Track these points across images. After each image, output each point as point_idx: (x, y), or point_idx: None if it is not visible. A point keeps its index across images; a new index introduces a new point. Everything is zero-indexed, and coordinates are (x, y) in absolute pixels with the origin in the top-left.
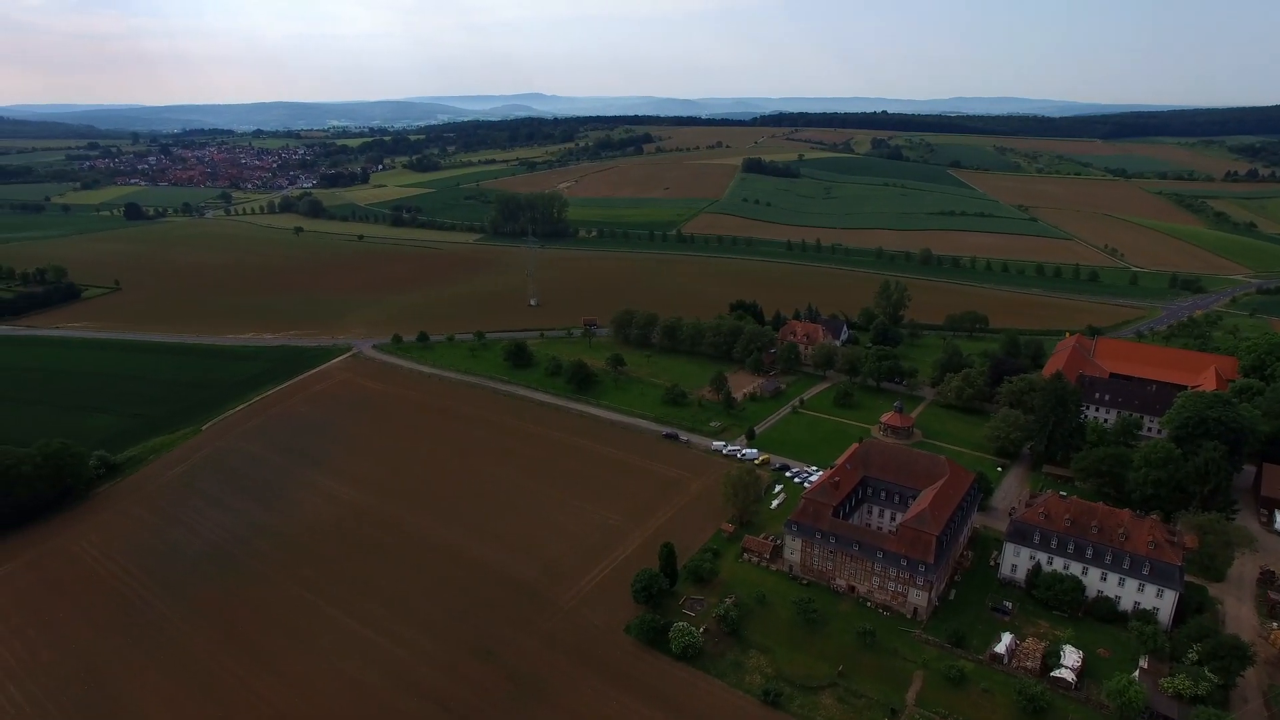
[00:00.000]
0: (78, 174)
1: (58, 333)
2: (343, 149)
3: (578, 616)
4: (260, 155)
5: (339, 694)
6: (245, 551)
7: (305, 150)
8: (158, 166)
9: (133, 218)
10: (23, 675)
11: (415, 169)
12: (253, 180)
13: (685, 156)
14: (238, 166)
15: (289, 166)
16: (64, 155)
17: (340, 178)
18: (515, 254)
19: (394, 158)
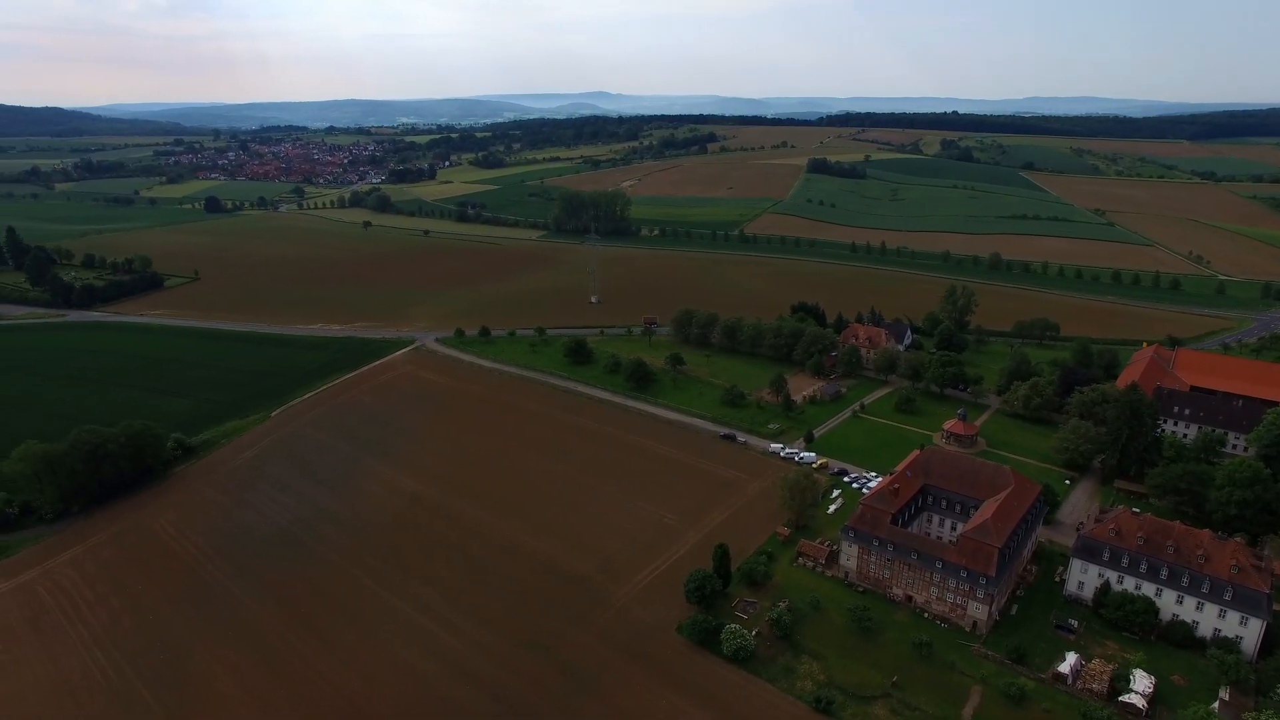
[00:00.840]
0: (164, 169)
1: (141, 319)
2: (411, 145)
3: (630, 614)
4: (332, 151)
5: (396, 679)
6: (310, 536)
7: (375, 147)
8: (236, 162)
9: (212, 211)
10: (107, 642)
11: (481, 166)
12: (325, 175)
13: (749, 156)
14: (311, 162)
15: (359, 162)
16: (152, 151)
17: (408, 174)
18: (577, 251)
19: (460, 154)
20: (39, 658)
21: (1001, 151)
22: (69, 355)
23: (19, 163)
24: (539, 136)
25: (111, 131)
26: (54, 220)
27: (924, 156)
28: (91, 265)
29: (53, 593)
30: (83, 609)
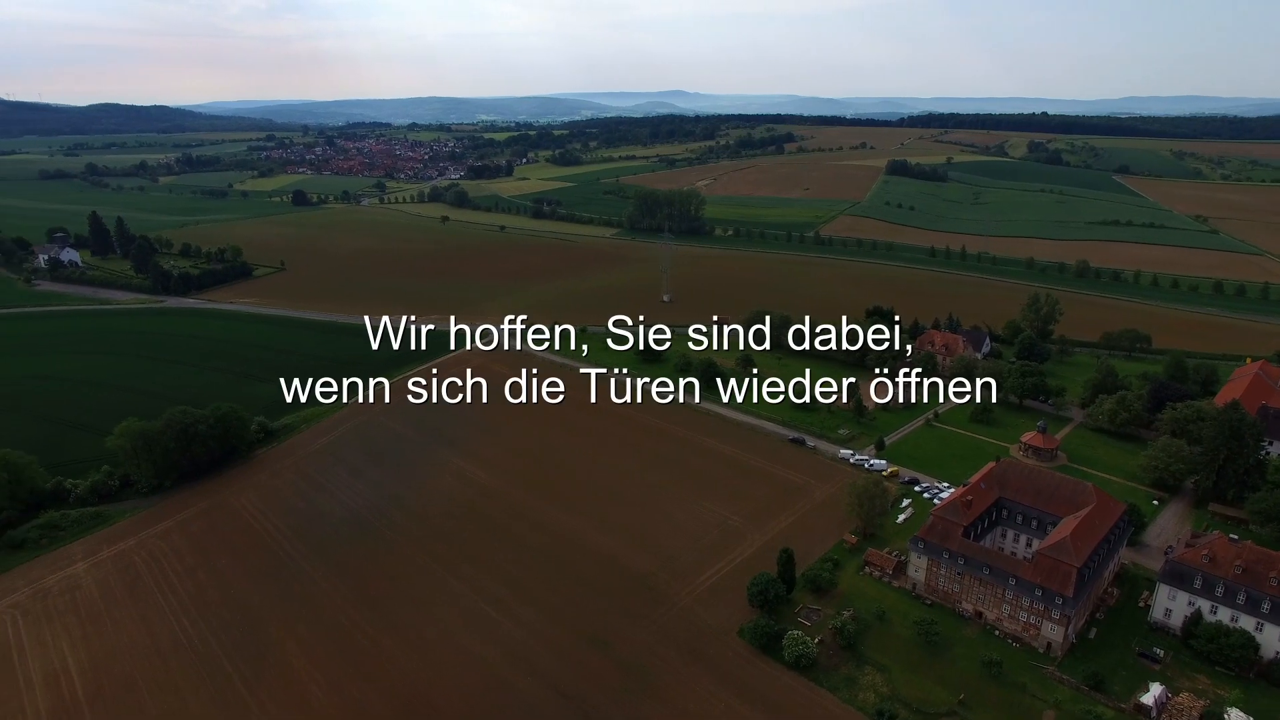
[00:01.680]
0: (256, 163)
1: (231, 306)
2: (490, 142)
3: (691, 614)
4: (414, 147)
5: (459, 665)
6: (382, 521)
7: (455, 143)
8: (323, 157)
9: (299, 204)
10: (194, 612)
11: (557, 163)
12: (405, 171)
13: (827, 157)
14: (393, 158)
15: (439, 158)
16: (246, 147)
17: (486, 170)
18: (651, 249)
19: (537, 151)
20: (134, 621)
21: (1094, 154)
22: (166, 339)
23: (129, 157)
24: (615, 135)
25: (210, 128)
26: (157, 211)
27: (1009, 159)
28: (188, 254)
29: (147, 562)
30: (172, 579)
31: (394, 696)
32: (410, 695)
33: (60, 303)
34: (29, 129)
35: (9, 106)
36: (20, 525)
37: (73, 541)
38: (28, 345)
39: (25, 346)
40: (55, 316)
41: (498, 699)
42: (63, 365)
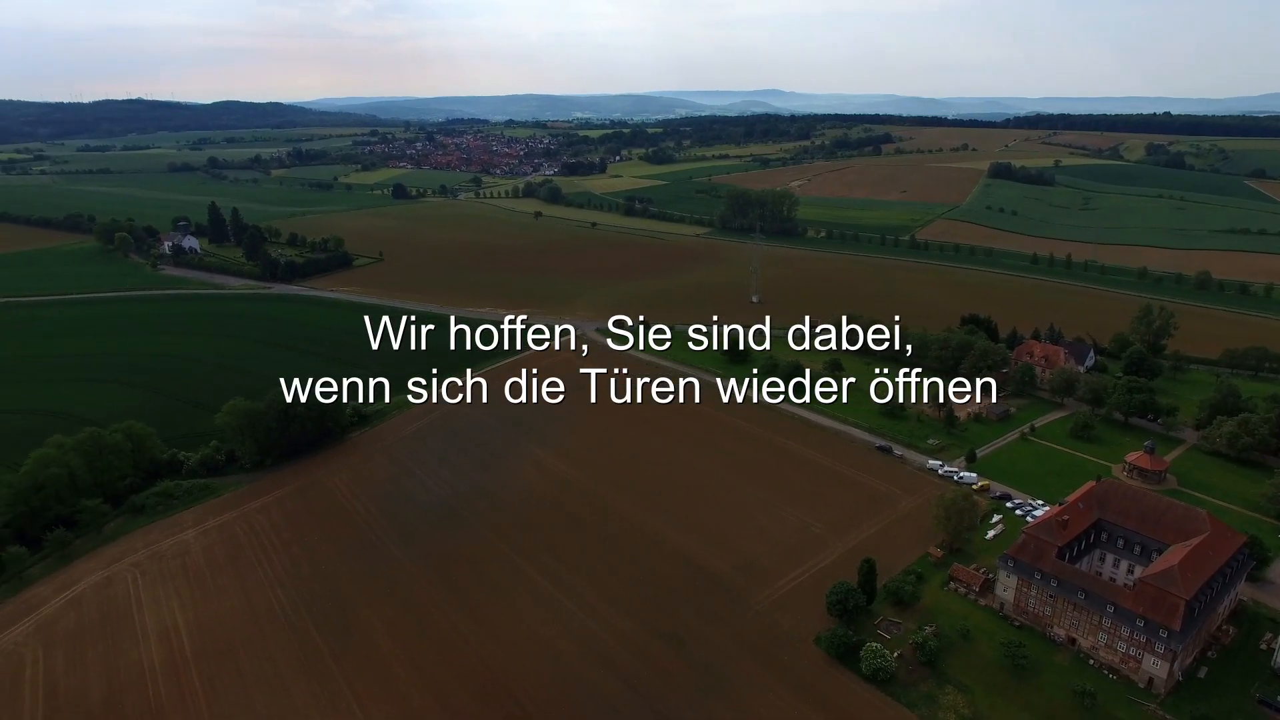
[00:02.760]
0: (360, 157)
1: (331, 294)
2: (584, 140)
3: (768, 618)
4: (510, 143)
5: (536, 654)
6: (465, 509)
7: (550, 140)
8: (422, 152)
9: (399, 197)
10: (289, 584)
11: (650, 161)
12: (501, 166)
13: (926, 159)
14: (489, 153)
15: (534, 154)
16: (351, 141)
17: (579, 167)
18: (741, 249)
19: (631, 149)
20: (234, 589)
21: (1223, 157)
22: (271, 323)
23: (246, 151)
24: (709, 134)
25: (320, 123)
26: (268, 202)
27: (1124, 162)
28: (294, 243)
29: (247, 534)
30: (270, 551)
31: (471, 680)
32: (487, 680)
33: (180, 286)
34: (162, 125)
35: (147, 106)
36: (141, 491)
37: (184, 510)
38: (151, 325)
39: (149, 326)
40: (175, 299)
41: (571, 690)
42: (180, 345)
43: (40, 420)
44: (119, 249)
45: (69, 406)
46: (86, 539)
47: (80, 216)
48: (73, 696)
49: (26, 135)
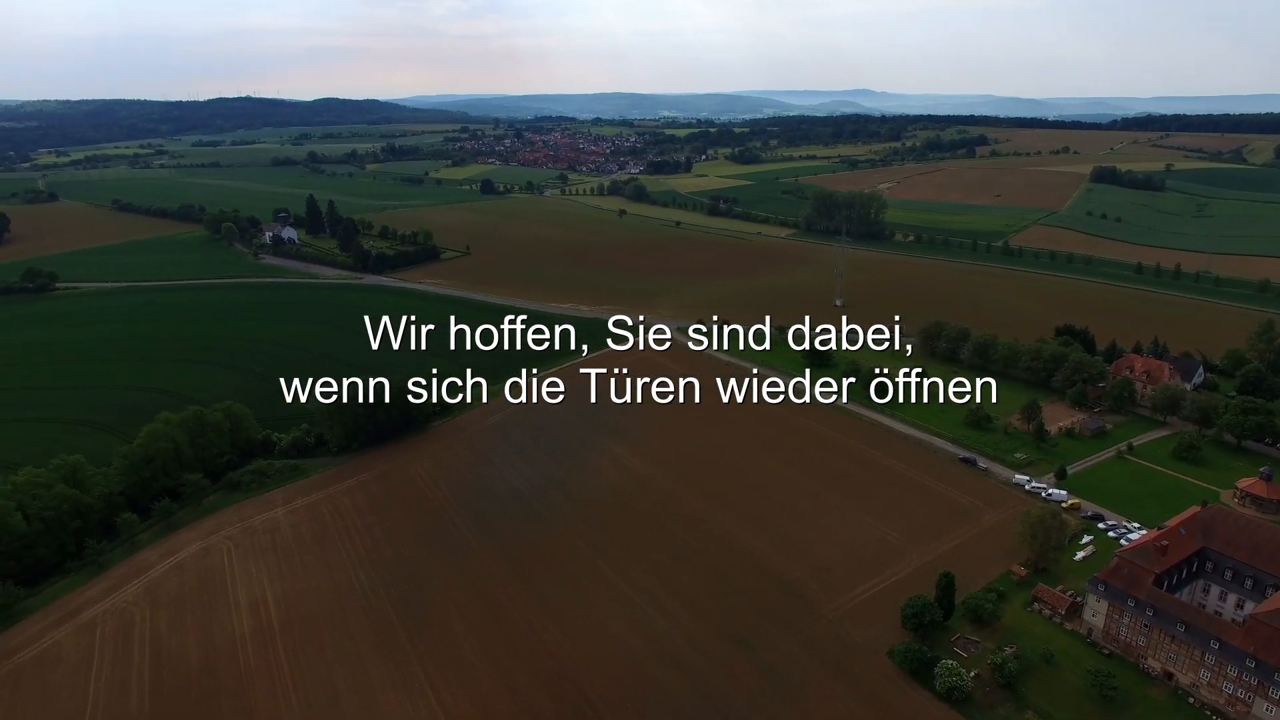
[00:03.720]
0: (450, 153)
1: (419, 286)
2: (670, 138)
3: (839, 628)
4: (596, 141)
5: (604, 649)
6: (540, 501)
7: (636, 138)
8: (511, 149)
9: (486, 192)
10: (369, 565)
11: (736, 161)
12: (587, 164)
13: (1023, 162)
14: (576, 151)
15: (620, 153)
16: (442, 138)
17: (665, 165)
18: (826, 252)
19: (717, 149)
20: (319, 566)
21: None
22: (361, 312)
23: (343, 146)
24: (797, 134)
25: (413, 120)
26: (362, 195)
27: (1247, 166)
28: (386, 236)
29: (332, 515)
30: (353, 533)
31: (541, 671)
32: (556, 673)
33: (278, 275)
34: (266, 121)
35: (254, 103)
36: (238, 469)
37: (275, 489)
38: (251, 311)
39: (249, 312)
40: (274, 287)
41: (638, 688)
42: (277, 330)
43: (152, 397)
44: (225, 238)
45: (176, 386)
46: (188, 510)
47: (192, 207)
48: (174, 656)
49: (150, 131)
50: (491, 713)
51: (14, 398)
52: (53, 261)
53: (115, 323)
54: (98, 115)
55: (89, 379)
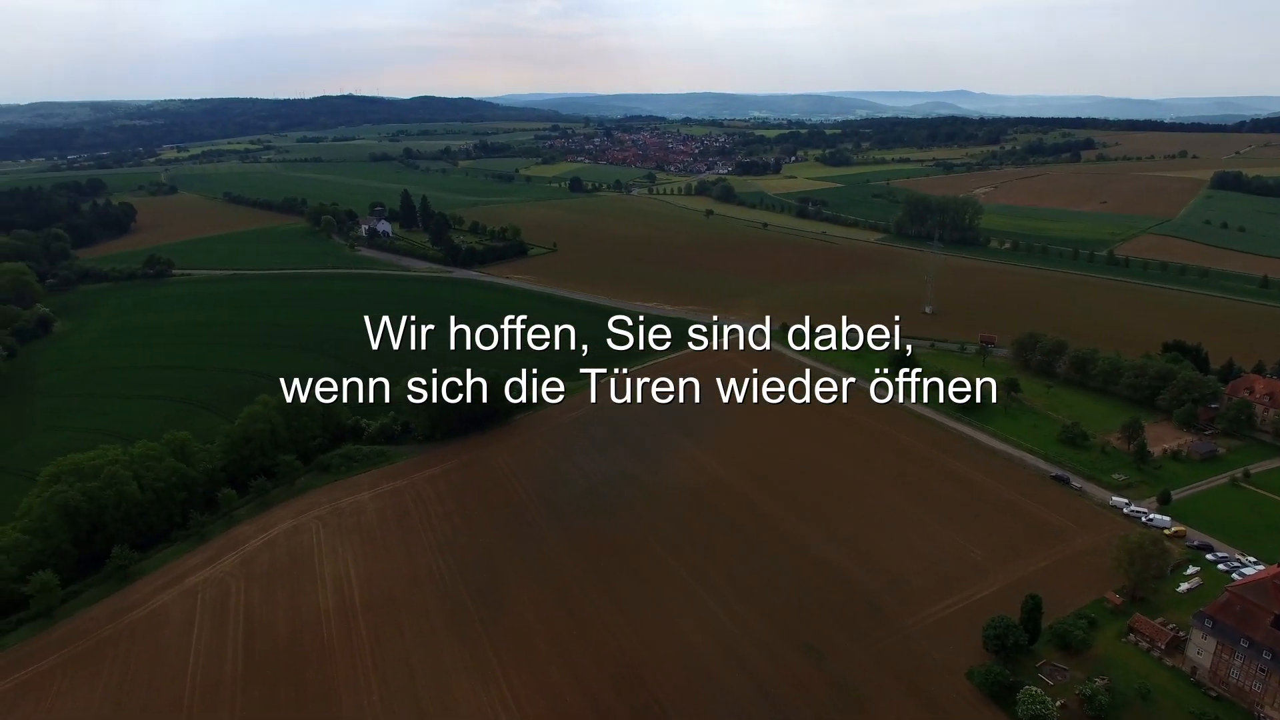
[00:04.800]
0: (540, 151)
1: (507, 281)
2: (760, 139)
3: (916, 643)
4: (685, 141)
5: (673, 648)
6: (616, 498)
7: (725, 139)
8: (600, 147)
9: (575, 190)
10: (447, 551)
11: (826, 163)
12: (675, 164)
13: (1134, 166)
14: (664, 150)
15: (709, 153)
16: (533, 136)
17: (754, 166)
18: (916, 257)
19: (807, 150)
20: (399, 549)
21: None
22: (449, 305)
23: (437, 143)
24: (890, 136)
25: (504, 118)
26: (454, 191)
27: None
28: (475, 231)
29: (415, 501)
30: (433, 519)
31: (608, 664)
32: (624, 668)
33: (371, 266)
34: (365, 119)
35: (354, 101)
36: (328, 452)
37: (362, 473)
38: (346, 301)
39: (344, 301)
40: (367, 278)
41: (705, 689)
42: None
43: (252, 380)
44: (324, 230)
45: (275, 370)
46: (281, 489)
47: (295, 200)
48: (265, 626)
49: (259, 128)
50: (559, 701)
51: (133, 376)
52: (170, 250)
53: (222, 308)
54: (214, 113)
55: (197, 361)
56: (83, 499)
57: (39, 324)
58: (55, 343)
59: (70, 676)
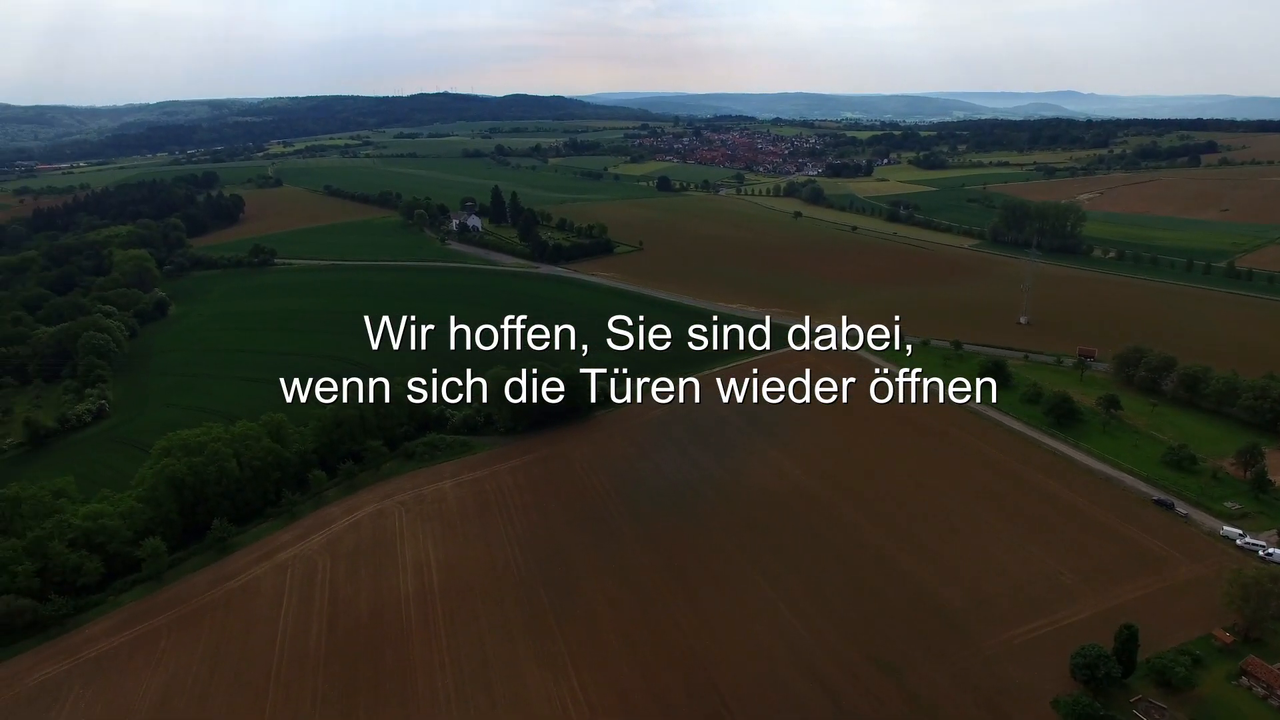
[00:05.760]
0: (629, 149)
1: (591, 278)
2: (851, 140)
3: (998, 666)
4: (775, 141)
5: (746, 653)
6: (695, 498)
7: (816, 140)
8: (689, 147)
9: (662, 189)
10: (525, 543)
11: (920, 165)
12: (764, 164)
13: (1262, 171)
14: (754, 151)
15: (799, 154)
16: (622, 134)
17: (844, 168)
18: (1012, 265)
19: (900, 152)
20: (478, 539)
21: None
22: (535, 300)
23: (528, 140)
24: (988, 138)
25: (595, 116)
26: (543, 188)
27: None
28: (562, 228)
29: (495, 491)
30: (511, 511)
31: (680, 665)
32: (695, 670)
33: (460, 260)
34: (460, 116)
35: (450, 98)
36: (413, 440)
37: (445, 462)
38: (435, 293)
39: (433, 294)
40: (457, 272)
41: (775, 696)
42: (456, 312)
43: (344, 367)
44: (416, 224)
45: (366, 358)
46: (368, 473)
47: (390, 194)
48: (348, 604)
49: (359, 124)
50: (628, 698)
51: (236, 358)
52: (274, 240)
53: (319, 297)
54: (318, 110)
55: (294, 346)
56: (188, 473)
57: (157, 307)
58: (170, 325)
59: (174, 636)
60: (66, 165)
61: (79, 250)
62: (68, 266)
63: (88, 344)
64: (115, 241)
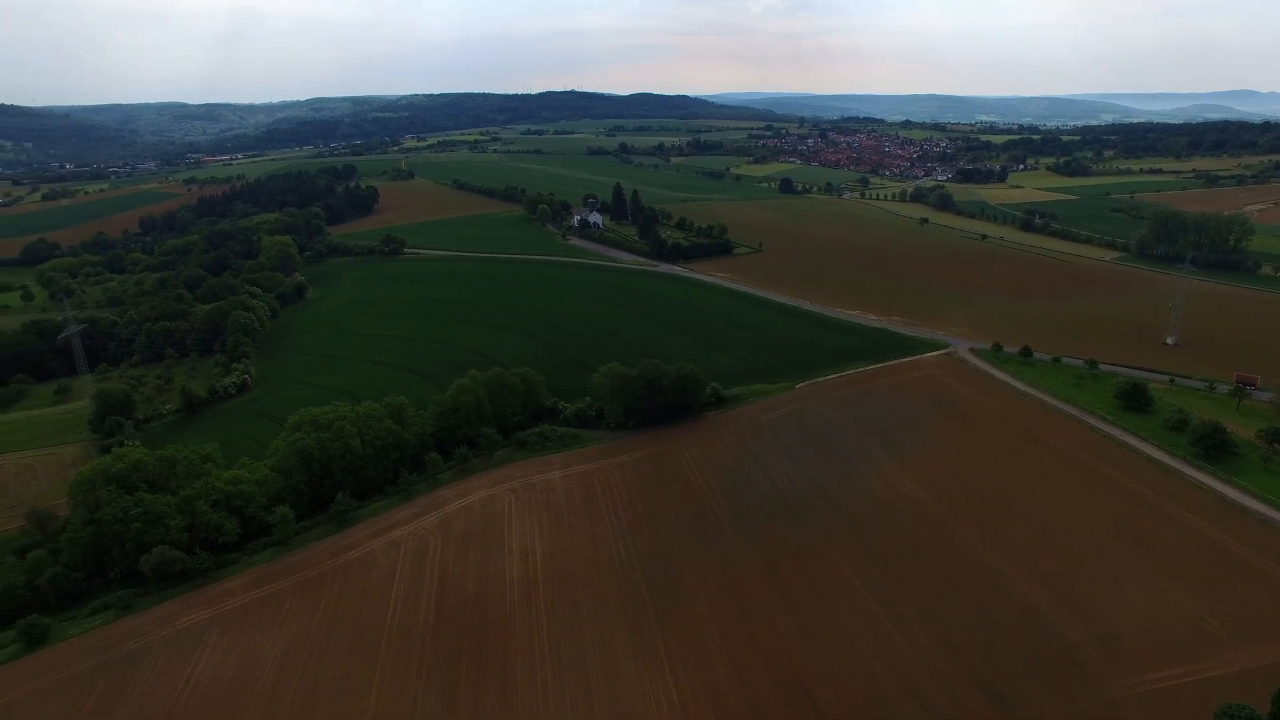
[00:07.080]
0: (752, 150)
1: (709, 279)
2: (985, 145)
3: (1123, 710)
4: (903, 145)
5: (845, 668)
6: (802, 505)
7: (947, 143)
8: (813, 148)
9: (784, 191)
10: (628, 538)
11: (1060, 172)
12: (891, 168)
13: None
14: (880, 154)
15: (928, 158)
16: (746, 134)
17: (976, 174)
18: (1160, 281)
19: (1038, 158)
20: (583, 530)
21: None
22: (652, 299)
23: (651, 139)
24: (1140, 144)
25: (719, 116)
26: (664, 187)
27: None
28: (682, 227)
29: (603, 486)
30: (618, 505)
31: (776, 674)
32: (791, 679)
33: (580, 256)
34: (585, 114)
35: (576, 96)
36: (526, 429)
37: (555, 453)
38: (554, 287)
39: (552, 288)
40: (576, 267)
41: (873, 714)
42: (574, 308)
43: (463, 355)
44: (539, 219)
45: (485, 347)
46: (481, 459)
47: (514, 189)
48: (456, 583)
49: (489, 121)
50: (722, 699)
51: (364, 342)
52: (405, 230)
53: (444, 286)
54: (451, 106)
55: (418, 333)
56: (316, 447)
57: (296, 290)
58: (307, 308)
59: (298, 598)
60: (227, 157)
61: (233, 235)
62: (223, 250)
63: (236, 322)
64: (263, 228)
